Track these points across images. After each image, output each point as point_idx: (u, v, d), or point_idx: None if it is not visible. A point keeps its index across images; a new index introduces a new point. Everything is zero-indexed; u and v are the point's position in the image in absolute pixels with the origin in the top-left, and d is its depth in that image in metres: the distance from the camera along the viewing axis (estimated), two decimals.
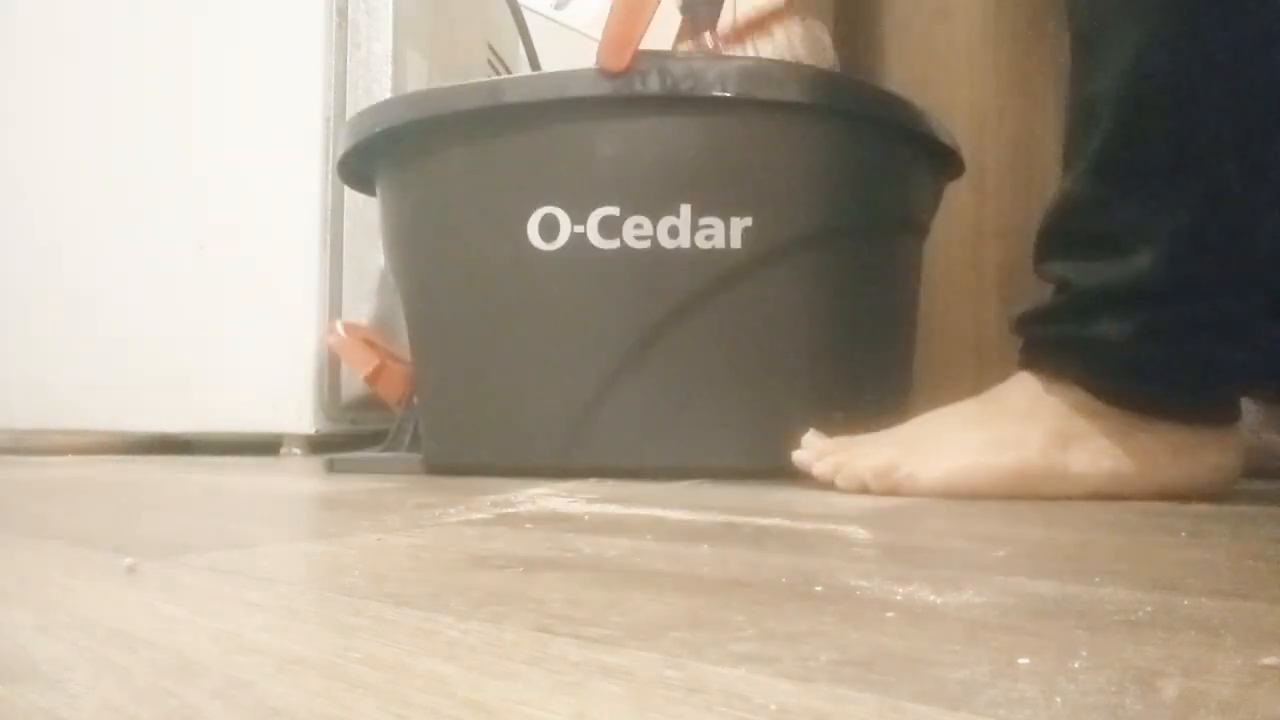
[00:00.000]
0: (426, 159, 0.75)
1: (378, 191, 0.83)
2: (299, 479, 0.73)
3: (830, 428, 0.66)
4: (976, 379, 1.04)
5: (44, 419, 1.14)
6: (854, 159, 0.73)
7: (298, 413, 1.04)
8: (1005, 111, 1.05)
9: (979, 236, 1.06)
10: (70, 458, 1.04)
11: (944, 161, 0.82)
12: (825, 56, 0.94)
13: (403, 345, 0.85)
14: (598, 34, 0.68)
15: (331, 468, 0.80)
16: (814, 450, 0.62)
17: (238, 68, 1.10)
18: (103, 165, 1.14)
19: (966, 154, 1.09)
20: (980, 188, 1.06)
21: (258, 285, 1.07)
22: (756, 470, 0.68)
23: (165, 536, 0.40)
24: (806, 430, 0.65)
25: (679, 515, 0.48)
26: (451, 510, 0.49)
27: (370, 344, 0.90)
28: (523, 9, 1.50)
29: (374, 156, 0.80)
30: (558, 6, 1.85)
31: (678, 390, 0.70)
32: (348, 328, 0.93)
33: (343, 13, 1.09)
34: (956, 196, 1.08)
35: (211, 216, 1.09)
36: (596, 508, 0.51)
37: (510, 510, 0.49)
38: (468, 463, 0.74)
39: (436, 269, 0.76)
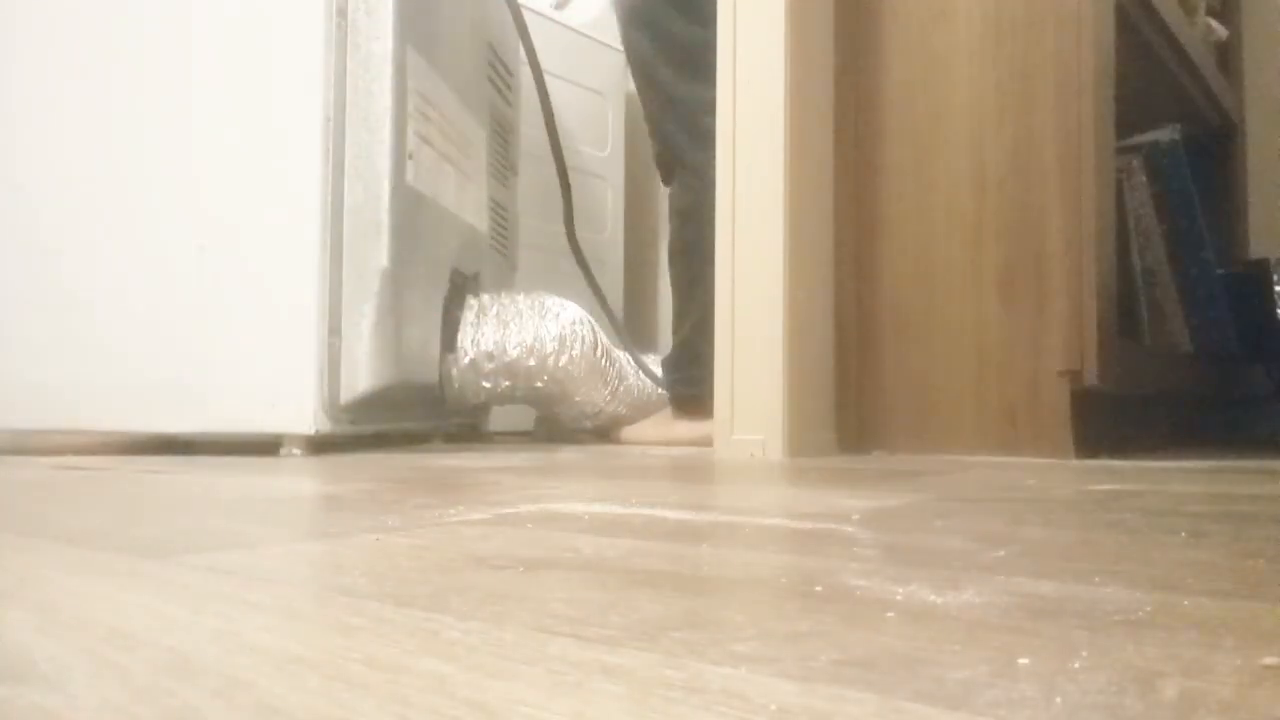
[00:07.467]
0: None
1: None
2: (299, 479, 0.73)
3: None
4: (977, 378, 1.04)
5: (44, 419, 1.14)
6: None
7: (297, 413, 1.04)
8: (1005, 111, 1.05)
9: (979, 236, 1.05)
10: (70, 458, 1.04)
11: None
12: None
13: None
14: (598, 34, 0.67)
15: None
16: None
17: (237, 67, 1.10)
18: (103, 166, 1.14)
19: (966, 154, 1.09)
20: (980, 188, 1.06)
21: (257, 285, 1.07)
22: None
23: (165, 536, 0.40)
24: None
25: (679, 515, 0.48)
26: (451, 510, 0.49)
27: None
28: (523, 9, 1.50)
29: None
30: (558, 6, 1.85)
31: None
32: None
33: (343, 13, 1.08)
34: (956, 196, 1.08)
35: (211, 217, 1.09)
36: (596, 508, 0.51)
37: (510, 510, 0.49)
38: None
39: None
